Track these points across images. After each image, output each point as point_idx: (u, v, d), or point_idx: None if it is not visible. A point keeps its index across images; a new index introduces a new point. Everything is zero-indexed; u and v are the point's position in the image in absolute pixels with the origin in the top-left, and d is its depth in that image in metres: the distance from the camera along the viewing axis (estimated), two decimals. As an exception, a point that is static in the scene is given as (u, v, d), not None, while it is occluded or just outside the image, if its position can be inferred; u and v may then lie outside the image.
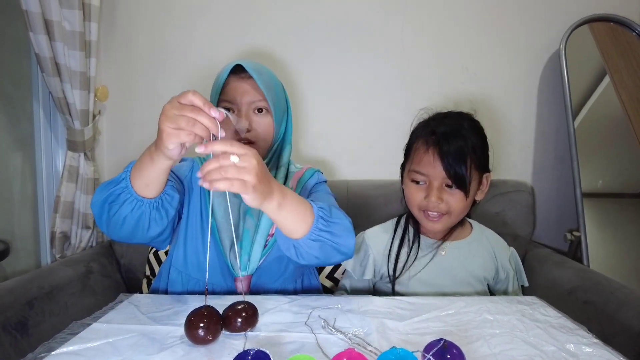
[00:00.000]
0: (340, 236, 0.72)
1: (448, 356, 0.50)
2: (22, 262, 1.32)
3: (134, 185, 0.68)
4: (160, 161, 0.64)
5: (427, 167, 0.87)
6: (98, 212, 0.71)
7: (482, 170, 0.90)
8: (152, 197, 0.70)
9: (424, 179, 0.88)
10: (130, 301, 0.75)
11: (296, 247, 0.71)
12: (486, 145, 0.91)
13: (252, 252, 0.85)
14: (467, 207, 0.90)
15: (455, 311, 0.71)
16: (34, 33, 1.13)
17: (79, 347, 0.58)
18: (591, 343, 0.59)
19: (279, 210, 0.66)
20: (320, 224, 0.69)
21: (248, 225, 0.86)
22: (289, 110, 0.95)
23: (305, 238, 0.69)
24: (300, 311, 0.71)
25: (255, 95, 0.85)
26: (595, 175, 1.48)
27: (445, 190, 0.87)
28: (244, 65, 0.83)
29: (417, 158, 0.90)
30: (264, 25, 1.44)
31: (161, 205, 0.73)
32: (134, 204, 0.69)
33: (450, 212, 0.87)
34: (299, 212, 0.68)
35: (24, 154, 1.33)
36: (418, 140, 0.91)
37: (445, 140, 0.85)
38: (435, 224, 0.89)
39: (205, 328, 0.58)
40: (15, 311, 0.94)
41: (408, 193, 0.92)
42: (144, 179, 0.67)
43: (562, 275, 1.14)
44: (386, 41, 1.45)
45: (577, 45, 1.42)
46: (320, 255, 0.72)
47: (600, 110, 1.49)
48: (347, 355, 0.49)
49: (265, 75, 0.86)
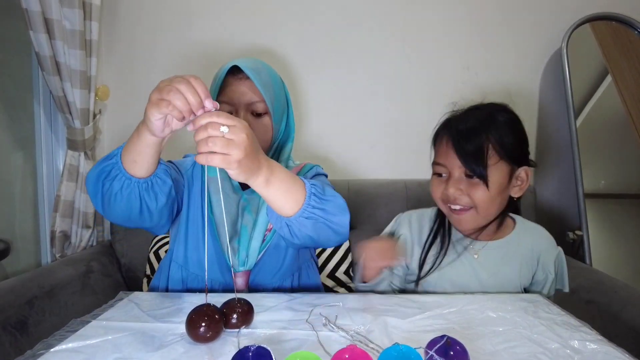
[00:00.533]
0: (334, 214, 0.71)
1: (451, 353, 0.49)
2: (23, 261, 1.32)
3: (124, 161, 0.68)
4: (146, 136, 0.64)
5: (444, 157, 0.83)
6: (92, 189, 0.71)
7: (515, 164, 0.82)
8: (141, 177, 0.70)
9: (444, 171, 0.84)
10: (130, 299, 0.75)
11: (289, 225, 0.70)
12: (522, 139, 0.84)
13: (250, 248, 0.84)
14: (495, 203, 0.82)
15: (458, 309, 0.70)
16: (34, 32, 1.14)
17: (78, 345, 0.57)
18: (596, 340, 0.59)
19: (266, 187, 0.64)
20: (312, 200, 0.68)
21: (246, 222, 0.86)
22: (290, 105, 0.93)
23: (297, 215, 0.68)
24: (301, 309, 0.71)
25: (252, 96, 0.83)
26: (597, 176, 1.47)
27: (465, 181, 0.81)
28: (240, 65, 0.82)
29: (437, 150, 0.87)
30: (266, 25, 1.44)
31: (151, 187, 0.72)
32: (123, 181, 0.69)
33: (475, 205, 0.81)
34: (288, 188, 0.67)
35: (24, 153, 1.33)
36: (439, 134, 0.87)
37: (459, 129, 0.81)
38: (461, 218, 0.83)
39: (206, 326, 0.58)
40: (15, 310, 0.93)
41: (431, 187, 0.88)
42: (131, 154, 0.67)
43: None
44: (387, 40, 1.45)
45: (578, 44, 1.42)
46: (314, 234, 0.71)
47: (603, 110, 1.48)
48: (349, 352, 0.48)
49: (263, 73, 0.84)
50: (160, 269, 0.92)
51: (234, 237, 0.85)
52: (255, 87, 0.82)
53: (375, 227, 1.11)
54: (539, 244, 0.89)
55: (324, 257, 1.23)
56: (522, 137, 0.85)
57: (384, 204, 1.31)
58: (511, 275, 0.87)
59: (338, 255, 1.24)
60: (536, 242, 0.89)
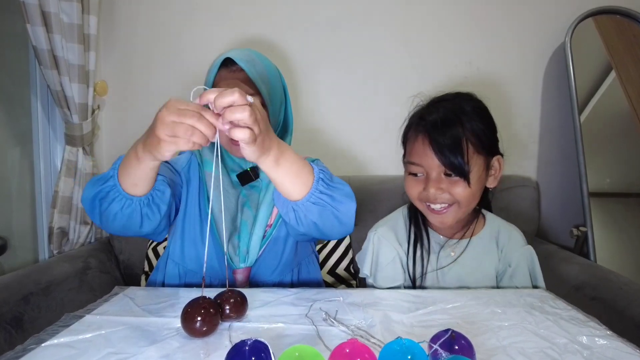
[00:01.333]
0: (341, 202, 0.69)
1: (456, 347, 0.47)
2: (20, 258, 1.31)
3: (122, 183, 0.66)
4: (148, 162, 0.62)
5: (421, 157, 0.79)
6: (89, 208, 0.70)
7: (489, 154, 0.81)
8: (141, 195, 0.68)
9: (420, 170, 0.80)
10: (125, 294, 0.73)
11: (295, 209, 0.68)
12: (492, 127, 0.83)
13: (250, 243, 0.83)
14: (476, 195, 0.80)
15: (462, 304, 0.69)
16: (31, 25, 1.12)
17: (70, 339, 0.56)
18: (604, 335, 0.57)
19: (275, 167, 0.63)
20: (320, 185, 0.67)
21: (246, 217, 0.84)
22: (287, 96, 0.90)
23: (305, 200, 0.66)
24: (301, 304, 0.69)
25: (247, 88, 0.80)
26: (601, 174, 1.45)
27: (445, 180, 0.78)
28: (233, 57, 0.79)
29: (409, 148, 0.84)
30: (265, 19, 1.43)
31: (152, 201, 0.71)
32: (123, 202, 0.67)
33: (457, 201, 0.79)
34: (297, 170, 0.65)
35: (21, 148, 1.31)
36: (410, 129, 0.84)
37: (436, 127, 0.77)
38: (444, 217, 0.80)
39: (202, 320, 0.56)
40: (11, 306, 0.92)
41: (407, 187, 0.85)
42: (131, 178, 0.66)
43: (569, 272, 1.11)
44: (389, 35, 1.43)
45: (582, 38, 1.40)
46: (319, 221, 0.69)
47: (607, 106, 1.46)
48: (349, 346, 0.46)
49: (257, 64, 0.82)
50: (157, 266, 0.91)
51: (233, 233, 0.84)
52: (249, 79, 0.80)
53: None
54: (503, 238, 0.89)
55: (324, 253, 1.22)
56: (492, 125, 0.83)
57: (385, 200, 1.29)
58: (489, 270, 0.87)
59: (339, 252, 1.22)
60: (503, 236, 0.89)
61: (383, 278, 0.87)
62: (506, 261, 0.87)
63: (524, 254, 0.87)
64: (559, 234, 1.45)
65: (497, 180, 0.84)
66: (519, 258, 0.86)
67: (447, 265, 0.86)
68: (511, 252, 0.87)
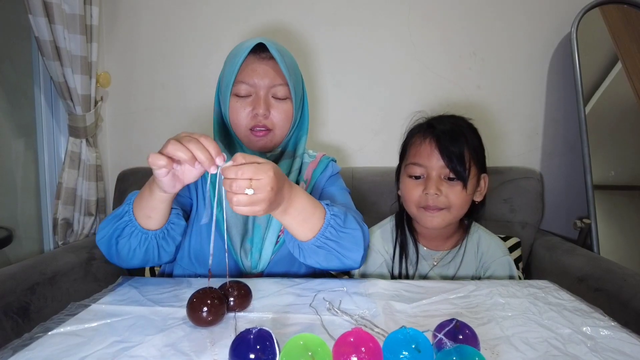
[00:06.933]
0: (348, 249, 0.70)
1: (460, 336, 0.48)
2: (25, 249, 1.32)
3: (137, 217, 0.67)
4: (157, 193, 0.63)
5: (426, 158, 0.86)
6: (106, 248, 0.71)
7: (480, 170, 0.90)
8: (156, 229, 0.69)
9: (422, 172, 0.87)
10: (130, 283, 0.73)
11: (301, 248, 0.69)
12: (483, 148, 0.91)
13: (263, 249, 0.82)
14: (466, 203, 0.88)
15: (465, 294, 0.69)
16: (33, 15, 1.12)
17: (77, 328, 0.56)
18: (608, 326, 0.57)
19: (283, 215, 0.65)
20: (328, 232, 0.67)
21: (260, 221, 0.83)
22: (305, 96, 0.88)
23: (310, 243, 0.67)
24: (305, 294, 0.69)
25: (276, 78, 0.78)
26: (606, 167, 1.43)
27: (444, 183, 0.86)
28: (266, 44, 0.76)
29: (413, 151, 0.90)
30: (269, 10, 1.42)
31: (167, 234, 0.72)
32: (140, 237, 0.68)
33: (449, 206, 0.86)
34: (306, 217, 0.66)
35: (25, 139, 1.32)
36: (414, 137, 0.92)
37: (446, 134, 0.85)
38: (434, 219, 0.87)
39: (208, 310, 0.56)
40: (17, 296, 0.93)
41: (406, 190, 0.91)
42: (145, 211, 0.67)
43: (573, 263, 1.11)
44: (392, 26, 1.42)
45: (588, 28, 1.38)
46: (324, 262, 0.70)
47: (613, 97, 1.44)
48: (354, 335, 0.46)
49: (287, 56, 0.79)
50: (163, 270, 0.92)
51: (245, 236, 0.83)
52: (278, 68, 0.77)
53: (379, 215, 1.10)
54: (483, 247, 0.95)
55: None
56: (482, 146, 0.92)
57: (388, 192, 1.29)
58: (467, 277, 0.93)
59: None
60: (482, 246, 0.95)
61: None
62: (483, 269, 0.94)
63: (501, 264, 0.93)
64: (562, 226, 1.44)
65: (482, 196, 0.93)
66: (495, 268, 0.92)
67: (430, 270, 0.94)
68: (488, 262, 0.93)
